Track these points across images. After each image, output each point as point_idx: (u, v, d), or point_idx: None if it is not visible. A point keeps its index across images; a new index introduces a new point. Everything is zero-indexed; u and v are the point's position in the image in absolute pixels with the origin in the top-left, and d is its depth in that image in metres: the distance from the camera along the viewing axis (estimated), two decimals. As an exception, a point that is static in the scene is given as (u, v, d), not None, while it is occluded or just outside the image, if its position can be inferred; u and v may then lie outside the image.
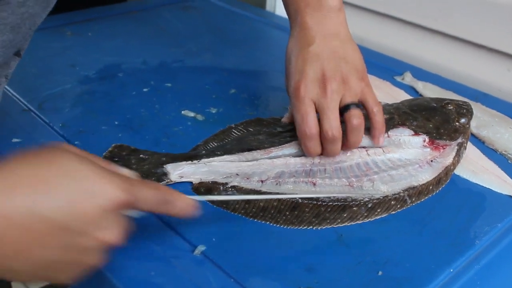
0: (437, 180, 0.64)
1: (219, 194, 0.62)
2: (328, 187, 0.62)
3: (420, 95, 0.87)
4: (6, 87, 0.80)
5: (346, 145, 0.63)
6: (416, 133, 0.67)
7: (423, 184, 0.63)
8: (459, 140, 0.68)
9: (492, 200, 0.64)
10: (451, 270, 0.53)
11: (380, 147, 0.66)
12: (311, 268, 0.52)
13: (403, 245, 0.56)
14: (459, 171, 0.68)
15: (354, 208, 0.59)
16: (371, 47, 1.09)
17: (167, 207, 0.48)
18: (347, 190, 0.61)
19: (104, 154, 0.67)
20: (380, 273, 0.52)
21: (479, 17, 0.94)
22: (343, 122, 0.62)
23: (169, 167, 0.64)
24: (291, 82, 0.64)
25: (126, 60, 0.93)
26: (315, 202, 0.59)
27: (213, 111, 0.78)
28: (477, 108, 0.82)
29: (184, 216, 0.49)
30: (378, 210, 0.60)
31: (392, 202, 0.61)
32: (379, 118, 0.64)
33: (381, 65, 0.98)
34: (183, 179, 0.64)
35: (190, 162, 0.65)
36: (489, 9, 0.92)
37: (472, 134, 0.77)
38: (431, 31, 1.03)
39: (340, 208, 0.59)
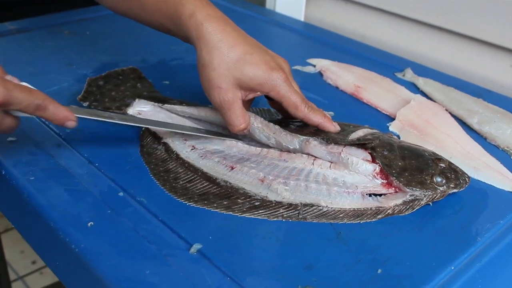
0: (357, 213, 0.58)
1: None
2: (240, 175, 0.61)
3: (421, 91, 0.86)
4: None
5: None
6: (373, 160, 0.61)
7: (332, 208, 0.58)
8: (417, 192, 0.58)
9: (494, 196, 0.63)
10: (452, 268, 0.52)
11: (330, 161, 0.62)
12: (310, 266, 0.51)
13: (403, 242, 0.55)
14: (460, 167, 0.66)
15: (239, 200, 0.58)
16: (372, 44, 1.08)
17: (40, 111, 0.55)
18: (254, 183, 0.60)
19: (116, 69, 0.78)
20: (380, 271, 0.51)
21: (481, 12, 0.93)
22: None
23: (137, 101, 0.67)
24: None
25: (124, 59, 0.92)
26: (205, 181, 0.61)
27: (211, 109, 0.77)
28: (479, 104, 0.81)
29: (58, 123, 0.56)
30: (261, 211, 0.57)
31: (282, 209, 0.57)
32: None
33: (381, 61, 0.97)
34: (141, 116, 0.67)
35: (156, 104, 0.68)
36: (491, 5, 0.92)
37: (474, 130, 0.76)
38: (432, 27, 1.02)
39: (225, 194, 0.59)
